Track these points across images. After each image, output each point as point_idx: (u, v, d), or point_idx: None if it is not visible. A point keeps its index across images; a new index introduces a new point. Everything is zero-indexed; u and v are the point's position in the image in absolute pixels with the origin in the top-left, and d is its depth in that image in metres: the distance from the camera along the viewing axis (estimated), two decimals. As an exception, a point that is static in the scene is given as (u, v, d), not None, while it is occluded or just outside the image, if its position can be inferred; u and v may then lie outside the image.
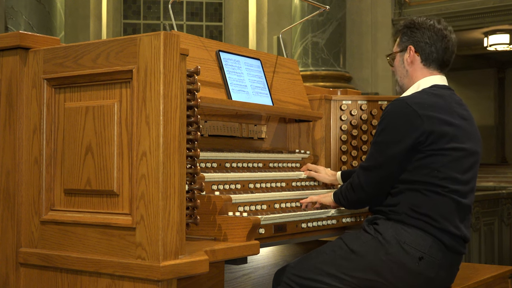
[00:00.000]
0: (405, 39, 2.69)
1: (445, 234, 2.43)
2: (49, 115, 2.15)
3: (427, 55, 2.64)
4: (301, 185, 3.02)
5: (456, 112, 2.53)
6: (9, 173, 2.21)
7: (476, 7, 9.77)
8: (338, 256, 2.49)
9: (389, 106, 2.52)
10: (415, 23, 2.67)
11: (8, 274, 2.19)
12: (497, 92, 17.44)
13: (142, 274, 1.89)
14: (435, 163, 2.43)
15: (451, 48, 2.67)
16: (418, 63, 2.66)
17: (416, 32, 2.65)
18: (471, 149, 2.51)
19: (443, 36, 2.64)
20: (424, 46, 2.64)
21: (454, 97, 2.60)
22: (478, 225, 5.75)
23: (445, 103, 2.52)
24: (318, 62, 8.59)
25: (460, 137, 2.48)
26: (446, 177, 2.43)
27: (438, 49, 2.63)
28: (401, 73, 2.72)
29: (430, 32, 2.63)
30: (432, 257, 2.42)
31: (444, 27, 2.65)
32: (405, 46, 2.69)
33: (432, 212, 2.42)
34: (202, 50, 2.79)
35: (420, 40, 2.64)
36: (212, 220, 2.30)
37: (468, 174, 2.50)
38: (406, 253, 2.41)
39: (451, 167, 2.44)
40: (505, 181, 11.31)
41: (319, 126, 3.34)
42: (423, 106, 2.45)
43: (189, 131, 2.07)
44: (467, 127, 2.53)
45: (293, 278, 2.54)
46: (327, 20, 8.59)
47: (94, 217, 2.03)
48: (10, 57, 2.21)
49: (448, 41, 2.65)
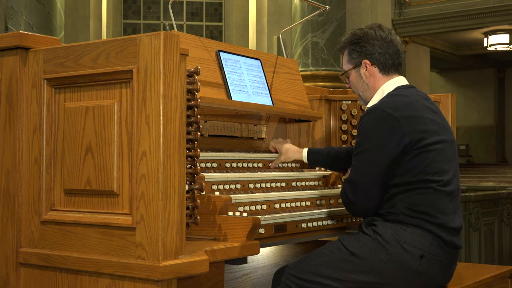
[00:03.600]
0: (356, 55, 2.68)
1: (444, 229, 2.45)
2: (49, 115, 2.15)
3: (384, 64, 2.65)
4: (301, 185, 3.02)
5: (427, 107, 2.56)
6: (9, 173, 2.21)
7: (476, 7, 9.77)
8: (338, 258, 2.49)
9: (364, 118, 2.50)
10: (360, 37, 2.67)
11: (8, 274, 2.19)
12: (497, 92, 17.45)
13: (142, 274, 1.89)
14: (425, 160, 2.44)
15: (401, 49, 2.70)
16: (377, 74, 2.66)
17: (366, 45, 2.65)
18: (448, 139, 2.56)
19: (391, 41, 2.66)
20: (378, 57, 2.65)
21: (420, 94, 2.64)
22: (478, 225, 5.75)
23: (414, 100, 2.55)
24: (318, 62, 8.59)
25: (437, 130, 2.51)
26: (437, 171, 2.46)
27: (392, 55, 2.66)
28: (362, 88, 2.71)
29: (379, 41, 2.65)
30: (433, 254, 2.43)
31: (388, 32, 2.68)
32: (358, 62, 2.68)
33: (430, 209, 2.44)
34: (202, 50, 2.79)
35: (372, 52, 2.65)
36: (212, 220, 2.30)
37: (453, 162, 2.55)
38: (407, 252, 2.41)
39: (440, 160, 2.47)
40: (505, 181, 11.31)
41: (319, 126, 3.34)
42: (396, 108, 2.46)
43: (189, 131, 2.08)
44: (438, 119, 2.57)
45: (293, 279, 2.54)
46: (327, 20, 8.59)
47: (94, 217, 2.03)
48: (10, 57, 2.21)
49: (396, 44, 2.68)
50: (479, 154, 17.12)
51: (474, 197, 5.75)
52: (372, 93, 2.69)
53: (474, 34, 11.64)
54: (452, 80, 17.62)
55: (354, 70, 2.71)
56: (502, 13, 9.67)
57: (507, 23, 10.18)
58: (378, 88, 2.67)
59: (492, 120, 17.35)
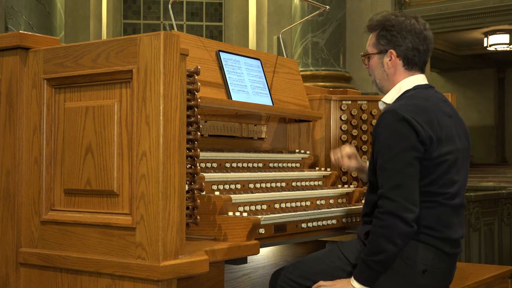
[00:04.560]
0: (384, 42, 2.53)
1: (446, 242, 2.38)
2: (49, 115, 2.15)
3: (410, 59, 2.51)
4: (301, 185, 3.02)
5: (443, 112, 2.44)
6: (9, 173, 2.21)
7: (476, 7, 9.76)
8: (337, 268, 2.46)
9: (382, 120, 2.36)
10: (393, 25, 2.51)
11: (8, 274, 2.19)
12: (497, 92, 17.45)
13: (142, 274, 1.89)
14: (434, 172, 2.34)
15: (431, 48, 2.55)
16: (400, 67, 2.53)
17: (397, 35, 2.50)
18: (461, 147, 2.44)
19: (424, 39, 2.51)
20: (406, 51, 2.50)
21: (438, 96, 2.51)
22: (478, 225, 5.75)
23: (433, 104, 2.43)
24: (318, 62, 8.59)
25: (451, 137, 2.40)
26: (446, 182, 2.36)
27: (421, 52, 2.51)
28: (380, 76, 2.58)
29: (412, 35, 2.49)
30: (435, 268, 2.37)
31: (424, 27, 2.52)
32: (384, 49, 2.54)
33: (434, 223, 2.35)
34: (202, 50, 2.79)
35: (402, 44, 2.50)
36: (212, 220, 2.30)
37: (462, 171, 2.44)
38: (409, 267, 2.34)
39: (450, 172, 2.37)
40: (505, 181, 11.31)
41: (319, 126, 3.34)
42: (416, 112, 2.33)
43: (189, 131, 2.08)
44: (454, 124, 2.45)
45: (290, 284, 2.53)
46: (327, 20, 8.58)
47: (94, 217, 2.03)
48: (10, 57, 2.21)
49: (429, 43, 2.53)
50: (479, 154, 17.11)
51: (474, 197, 5.74)
52: (389, 84, 2.56)
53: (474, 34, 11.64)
54: (452, 80, 17.62)
55: (377, 55, 2.57)
56: (502, 13, 9.67)
57: (507, 23, 10.18)
58: (396, 82, 2.54)
59: (492, 120, 17.35)
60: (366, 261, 2.30)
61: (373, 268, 2.30)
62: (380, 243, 2.27)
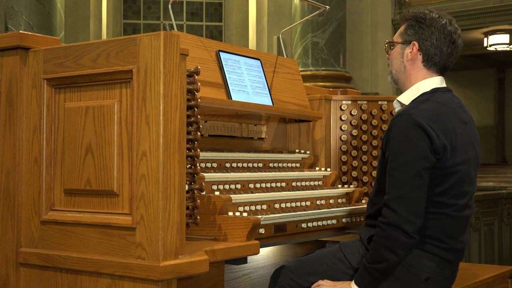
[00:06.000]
0: (411, 32, 2.48)
1: (450, 251, 2.37)
2: (49, 115, 2.15)
3: (430, 56, 2.46)
4: (301, 185, 3.02)
5: (460, 118, 2.39)
6: (9, 173, 2.21)
7: (476, 7, 9.76)
8: (339, 270, 2.45)
9: (397, 123, 2.31)
10: (425, 19, 2.47)
11: (8, 274, 2.19)
12: (497, 92, 17.45)
13: (142, 274, 1.89)
14: (445, 183, 2.31)
15: (456, 54, 2.50)
16: (419, 63, 2.48)
17: (425, 29, 2.45)
18: (473, 155, 2.41)
19: (451, 41, 2.46)
20: (429, 47, 2.45)
21: (455, 100, 2.45)
22: (478, 225, 5.75)
23: (450, 110, 2.37)
24: (318, 62, 8.59)
25: (465, 146, 2.36)
26: (456, 193, 2.34)
27: (443, 53, 2.46)
28: (397, 67, 2.53)
29: (440, 33, 2.44)
30: (438, 276, 2.35)
31: (454, 30, 2.47)
32: (408, 40, 2.49)
33: (439, 234, 2.33)
34: (202, 50, 2.79)
35: (427, 38, 2.45)
36: (212, 220, 2.30)
37: (473, 182, 2.42)
38: (411, 275, 2.33)
39: (462, 181, 2.34)
40: (505, 181, 11.31)
41: (319, 126, 3.34)
42: (432, 119, 2.29)
43: (189, 131, 2.07)
44: (467, 132, 2.41)
45: (291, 283, 2.52)
46: (327, 20, 8.59)
47: (94, 217, 2.03)
48: (10, 57, 2.21)
49: (455, 47, 2.48)
50: (479, 154, 17.10)
51: (474, 197, 5.74)
52: (405, 78, 2.52)
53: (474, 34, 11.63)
54: (452, 80, 17.61)
55: (400, 45, 2.52)
56: (502, 13, 9.67)
57: (507, 23, 10.17)
58: (412, 78, 2.49)
59: (492, 120, 17.35)
60: (368, 268, 2.31)
61: (374, 275, 2.30)
62: (381, 253, 2.27)
